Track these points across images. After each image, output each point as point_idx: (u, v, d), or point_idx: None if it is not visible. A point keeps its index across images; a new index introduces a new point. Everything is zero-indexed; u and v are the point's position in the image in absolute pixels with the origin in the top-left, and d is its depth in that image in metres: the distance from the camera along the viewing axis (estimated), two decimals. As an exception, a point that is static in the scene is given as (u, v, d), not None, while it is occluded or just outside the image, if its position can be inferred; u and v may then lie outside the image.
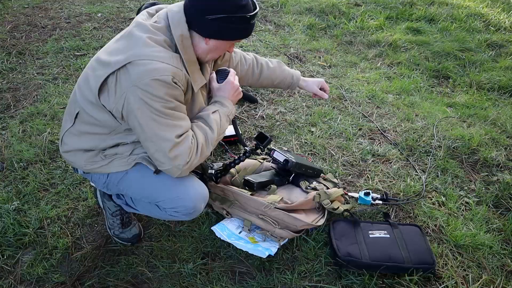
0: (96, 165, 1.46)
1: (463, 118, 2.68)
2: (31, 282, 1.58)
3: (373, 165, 2.22)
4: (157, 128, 1.29)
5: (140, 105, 1.26)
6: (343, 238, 1.67)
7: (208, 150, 1.42)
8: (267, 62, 1.90)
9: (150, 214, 1.60)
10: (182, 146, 1.32)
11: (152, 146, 1.32)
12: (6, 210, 1.88)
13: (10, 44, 3.54)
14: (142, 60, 1.24)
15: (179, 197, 1.44)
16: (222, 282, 1.57)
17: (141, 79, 1.23)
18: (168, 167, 1.34)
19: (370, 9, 4.42)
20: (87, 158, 1.46)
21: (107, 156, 1.46)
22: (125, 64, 1.25)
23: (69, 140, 1.48)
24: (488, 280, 1.60)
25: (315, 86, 1.95)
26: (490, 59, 3.46)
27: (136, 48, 1.27)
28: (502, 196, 2.02)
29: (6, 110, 2.67)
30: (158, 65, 1.25)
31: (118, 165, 1.45)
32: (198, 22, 1.32)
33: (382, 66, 3.39)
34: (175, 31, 1.33)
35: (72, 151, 1.48)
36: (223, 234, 1.68)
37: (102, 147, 1.45)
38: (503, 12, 4.34)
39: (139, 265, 1.64)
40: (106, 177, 1.50)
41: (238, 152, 2.29)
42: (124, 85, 1.26)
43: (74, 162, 1.50)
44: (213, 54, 1.43)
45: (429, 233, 1.81)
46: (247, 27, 1.37)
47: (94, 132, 1.42)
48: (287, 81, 1.91)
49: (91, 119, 1.39)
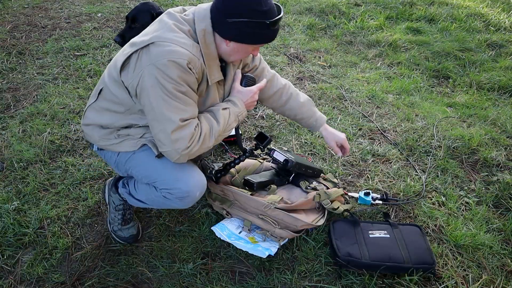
0: (108, 142, 1.55)
1: (463, 118, 2.68)
2: (31, 282, 1.58)
3: (373, 165, 2.22)
4: (165, 108, 1.33)
5: (154, 83, 1.31)
6: (343, 238, 1.67)
7: (210, 141, 1.44)
8: (297, 94, 1.86)
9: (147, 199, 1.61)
10: (185, 131, 1.35)
11: (157, 126, 1.37)
12: (6, 210, 1.88)
13: (10, 44, 3.54)
14: (164, 42, 1.32)
15: (176, 179, 1.47)
16: (222, 282, 1.57)
17: (158, 59, 1.30)
18: (168, 149, 1.38)
19: (370, 9, 4.42)
20: (102, 134, 1.55)
21: (120, 136, 1.53)
22: (148, 44, 1.33)
23: (90, 114, 1.57)
24: (488, 280, 1.60)
25: (333, 141, 1.88)
26: (490, 59, 3.46)
27: (161, 31, 1.36)
28: (502, 196, 2.02)
29: (6, 110, 2.67)
30: (177, 49, 1.31)
31: (127, 145, 1.53)
32: (219, 24, 1.38)
33: (382, 66, 3.39)
34: (198, 25, 1.39)
35: (91, 125, 1.58)
36: (223, 234, 1.68)
37: (117, 125, 1.53)
38: (503, 12, 4.35)
39: (139, 265, 1.64)
40: (116, 156, 1.58)
41: (238, 152, 2.29)
42: (143, 63, 1.33)
43: (90, 136, 1.59)
44: (235, 56, 1.47)
45: (429, 233, 1.81)
46: (267, 32, 1.39)
47: (112, 109, 1.50)
48: (309, 121, 1.87)
49: (111, 96, 1.47)
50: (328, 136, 1.89)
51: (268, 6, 1.35)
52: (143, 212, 1.90)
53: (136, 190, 1.64)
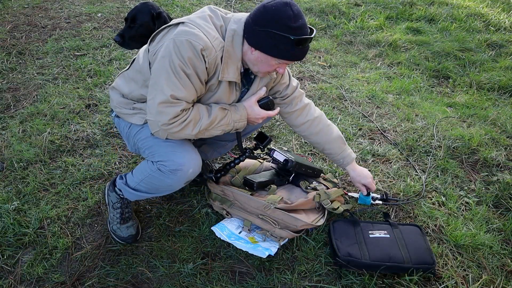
0: (123, 111, 1.65)
1: (463, 118, 2.68)
2: (31, 282, 1.58)
3: (373, 165, 2.22)
4: (163, 79, 1.38)
5: (166, 54, 1.38)
6: (343, 238, 1.67)
7: (193, 130, 1.46)
8: (329, 129, 1.82)
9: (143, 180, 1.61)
10: (171, 108, 1.39)
11: (151, 93, 1.42)
12: (6, 210, 1.88)
13: (10, 44, 3.54)
14: (191, 25, 1.39)
15: (172, 151, 1.52)
16: (222, 282, 1.57)
17: (179, 35, 1.36)
18: (151, 118, 1.43)
19: (370, 9, 4.42)
20: (120, 102, 1.66)
21: (135, 109, 1.63)
22: (179, 23, 1.42)
23: (119, 80, 1.69)
24: (488, 280, 1.60)
25: (359, 183, 1.88)
26: (490, 59, 3.46)
27: (194, 17, 1.44)
28: (502, 196, 2.02)
29: (6, 110, 2.67)
30: (200, 34, 1.36)
31: (137, 118, 1.62)
32: (249, 30, 1.41)
33: (382, 66, 3.39)
34: (231, 25, 1.45)
35: (115, 89, 1.70)
36: (223, 234, 1.68)
37: (134, 96, 1.62)
38: (503, 12, 4.35)
39: (139, 265, 1.64)
40: (128, 128, 1.68)
41: (238, 152, 2.29)
42: (167, 36, 1.42)
43: (112, 100, 1.71)
44: (259, 66, 1.47)
45: (429, 233, 1.81)
46: (292, 49, 1.38)
47: (135, 79, 1.59)
48: (336, 157, 1.85)
49: (138, 65, 1.57)
50: (355, 177, 1.87)
51: (298, 23, 1.34)
52: (143, 212, 1.90)
53: (132, 174, 1.67)
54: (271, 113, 1.64)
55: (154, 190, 1.65)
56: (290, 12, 1.33)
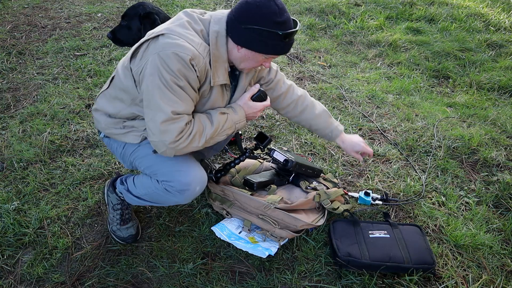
0: (114, 132, 1.58)
1: (463, 118, 2.68)
2: (31, 282, 1.58)
3: (373, 165, 2.22)
4: (159, 97, 1.34)
5: (154, 71, 1.33)
6: (343, 238, 1.67)
7: (200, 142, 1.44)
8: (313, 105, 1.85)
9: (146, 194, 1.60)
10: (174, 124, 1.36)
11: (149, 114, 1.38)
12: (6, 210, 1.88)
13: (10, 44, 3.54)
14: (173, 35, 1.35)
15: (177, 171, 1.48)
16: (222, 282, 1.57)
17: (164, 49, 1.32)
18: (155, 139, 1.39)
19: (370, 9, 4.42)
20: (109, 123, 1.59)
21: (126, 127, 1.57)
22: (158, 35, 1.37)
23: (101, 101, 1.61)
24: (488, 280, 1.60)
25: (352, 152, 1.88)
26: (490, 59, 3.46)
27: (173, 25, 1.39)
28: (502, 196, 2.02)
29: (6, 110, 2.67)
30: (183, 43, 1.33)
31: (132, 137, 1.56)
32: (233, 28, 1.38)
33: (382, 66, 3.39)
34: (212, 26, 1.41)
35: (99, 111, 1.62)
36: (223, 234, 1.68)
37: (123, 115, 1.55)
38: (503, 12, 4.35)
39: (139, 265, 1.64)
40: (122, 148, 1.62)
41: (238, 152, 2.29)
42: (150, 51, 1.37)
43: (98, 122, 1.63)
44: (246, 63, 1.46)
45: (429, 233, 1.81)
46: (279, 44, 1.38)
47: (120, 97, 1.53)
48: (324, 132, 1.88)
49: (120, 84, 1.50)
50: (346, 147, 1.88)
51: (283, 18, 1.34)
52: (143, 212, 1.90)
53: (135, 185, 1.64)
54: (266, 103, 1.63)
55: (159, 203, 1.64)
56: (275, 7, 1.32)
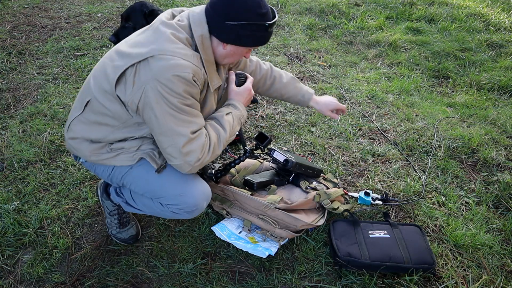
0: (101, 157, 1.47)
1: (463, 118, 2.68)
2: (31, 282, 1.58)
3: (373, 165, 2.22)
4: (173, 122, 1.30)
5: (159, 98, 1.27)
6: (343, 238, 1.67)
7: (219, 149, 1.44)
8: (281, 75, 1.88)
9: (150, 212, 1.60)
10: (195, 142, 1.34)
11: (166, 141, 1.33)
12: (6, 210, 1.88)
13: (10, 44, 3.54)
14: (165, 55, 1.27)
15: (182, 194, 1.45)
16: (222, 282, 1.57)
17: (162, 74, 1.25)
18: (179, 162, 1.35)
19: (370, 9, 4.42)
20: (93, 149, 1.46)
21: (113, 150, 1.46)
22: (147, 58, 1.28)
23: (76, 127, 1.47)
24: (488, 280, 1.60)
25: (328, 111, 1.90)
26: (490, 59, 3.46)
27: (159, 43, 1.30)
28: (502, 196, 2.02)
29: (6, 110, 2.67)
30: (180, 62, 1.27)
31: (123, 159, 1.46)
32: (218, 27, 1.35)
33: (382, 66, 3.39)
34: (195, 30, 1.36)
35: (78, 139, 1.48)
36: (223, 234, 1.68)
37: (110, 139, 1.44)
38: (503, 12, 4.34)
39: (139, 265, 1.64)
40: (111, 170, 1.51)
41: (238, 152, 2.29)
42: (144, 78, 1.28)
43: (78, 151, 1.49)
44: (230, 58, 1.46)
45: (429, 233, 1.81)
46: (264, 35, 1.39)
47: (104, 122, 1.42)
48: (296, 98, 1.91)
49: (102, 108, 1.39)
50: (321, 108, 1.91)
51: (266, 8, 1.35)
52: (143, 212, 1.90)
53: (134, 201, 1.60)
54: (250, 79, 1.61)
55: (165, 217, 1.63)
56: None
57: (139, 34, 1.40)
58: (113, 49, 1.41)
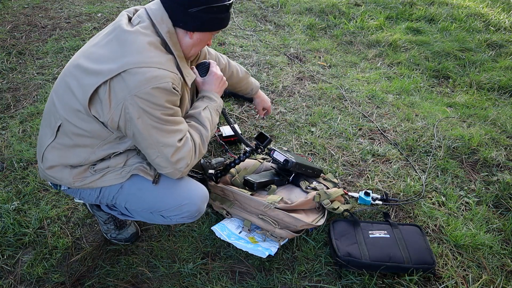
0: (86, 181, 1.38)
1: (463, 118, 2.68)
2: (31, 282, 1.58)
3: (373, 165, 2.22)
4: (159, 135, 1.27)
5: (140, 114, 1.22)
6: (343, 238, 1.67)
7: (204, 148, 1.43)
8: (237, 70, 1.90)
9: (151, 222, 1.58)
10: (183, 150, 1.32)
11: (154, 153, 1.30)
12: (6, 210, 1.88)
13: (10, 44, 3.54)
14: (139, 68, 1.19)
15: (182, 204, 1.43)
16: (222, 282, 1.57)
17: (140, 88, 1.18)
18: (169, 170, 1.34)
19: (370, 9, 4.42)
20: (76, 174, 1.37)
21: (98, 171, 1.38)
22: (120, 73, 1.19)
23: (52, 155, 1.36)
24: (488, 280, 1.60)
25: (262, 106, 2.11)
26: (490, 59, 3.46)
27: (129, 55, 1.21)
28: (502, 196, 2.02)
29: (6, 110, 2.67)
30: (157, 72, 1.20)
31: (111, 178, 1.39)
32: (182, 16, 1.29)
33: (382, 66, 3.39)
34: (161, 28, 1.29)
35: (57, 167, 1.38)
36: (223, 234, 1.68)
37: (91, 160, 1.36)
38: (503, 12, 4.35)
39: (139, 265, 1.64)
40: (98, 192, 1.44)
41: (238, 152, 2.29)
42: (121, 95, 1.20)
43: (59, 179, 1.40)
44: (196, 48, 1.39)
45: (429, 233, 1.81)
46: (227, 16, 1.37)
47: (82, 144, 1.33)
48: (246, 91, 2.02)
49: (77, 130, 1.31)
50: (259, 102, 2.09)
51: None
52: (143, 212, 1.90)
53: (130, 213, 1.56)
54: (213, 63, 1.56)
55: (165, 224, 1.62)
56: None
57: (102, 47, 1.28)
58: (71, 65, 1.31)
